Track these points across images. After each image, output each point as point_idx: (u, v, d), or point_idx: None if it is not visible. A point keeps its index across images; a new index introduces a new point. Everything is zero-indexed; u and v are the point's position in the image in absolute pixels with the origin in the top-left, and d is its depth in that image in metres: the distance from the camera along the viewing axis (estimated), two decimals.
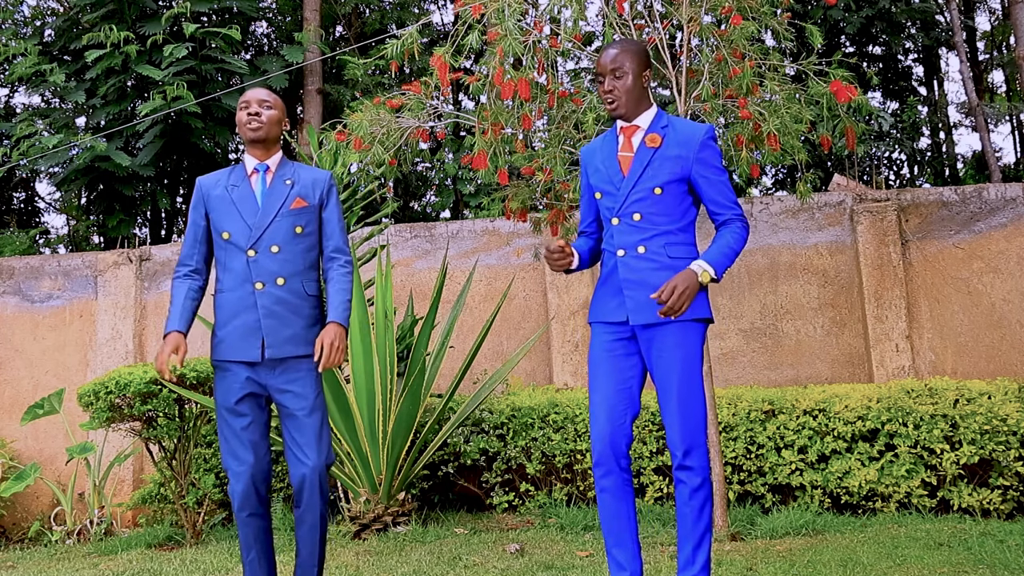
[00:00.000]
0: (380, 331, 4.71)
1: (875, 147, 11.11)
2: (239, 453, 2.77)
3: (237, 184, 2.91)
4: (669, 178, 2.66)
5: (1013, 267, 5.89)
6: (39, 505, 6.24)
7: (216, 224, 2.89)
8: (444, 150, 10.87)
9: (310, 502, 2.79)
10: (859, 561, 3.54)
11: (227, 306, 2.84)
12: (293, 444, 2.80)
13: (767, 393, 4.93)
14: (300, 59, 9.76)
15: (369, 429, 4.67)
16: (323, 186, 2.96)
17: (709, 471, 2.61)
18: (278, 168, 2.95)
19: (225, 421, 2.79)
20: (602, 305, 2.73)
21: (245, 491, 2.76)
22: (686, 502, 2.58)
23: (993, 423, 4.46)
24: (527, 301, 6.32)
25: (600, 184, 2.75)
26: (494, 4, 4.28)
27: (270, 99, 2.94)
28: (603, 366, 2.69)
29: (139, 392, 4.77)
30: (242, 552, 2.81)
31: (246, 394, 2.80)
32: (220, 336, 2.84)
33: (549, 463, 5.12)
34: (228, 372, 2.81)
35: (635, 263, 2.65)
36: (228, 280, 2.86)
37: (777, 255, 6.12)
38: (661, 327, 2.61)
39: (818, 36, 4.37)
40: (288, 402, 2.80)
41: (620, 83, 2.70)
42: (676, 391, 2.58)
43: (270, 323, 2.79)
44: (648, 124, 2.73)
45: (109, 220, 9.61)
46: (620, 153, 2.74)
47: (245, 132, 2.91)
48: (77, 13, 9.81)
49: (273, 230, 2.85)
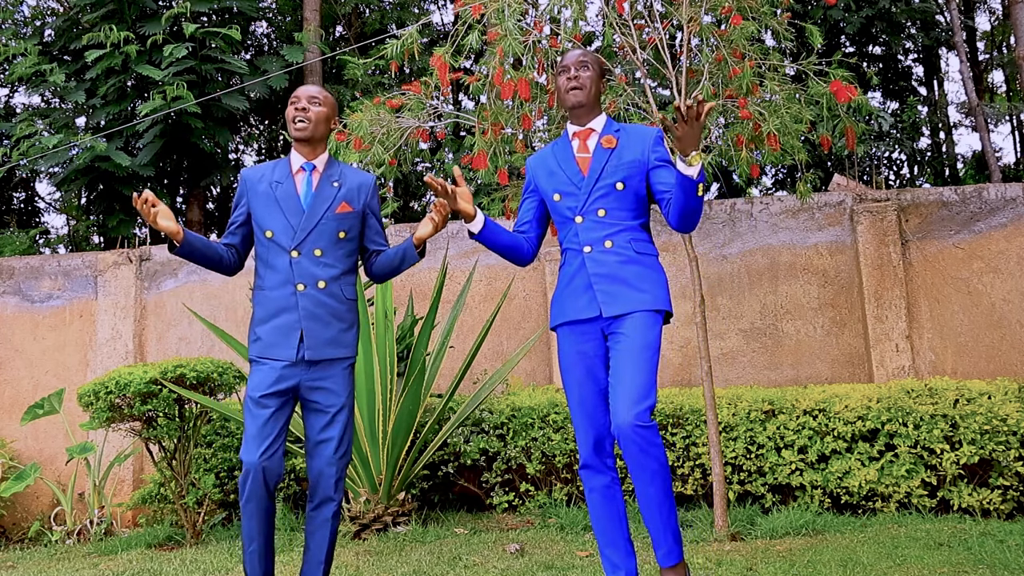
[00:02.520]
0: (380, 331, 4.71)
1: (875, 147, 11.11)
2: (256, 444, 2.77)
3: (281, 181, 2.88)
4: (629, 173, 2.74)
5: (1013, 267, 5.89)
6: (39, 505, 6.24)
7: (259, 221, 2.88)
8: (444, 150, 10.87)
9: (325, 497, 2.82)
10: (859, 561, 3.54)
11: (267, 304, 2.84)
12: (317, 438, 2.82)
13: (767, 393, 4.93)
14: (300, 59, 9.76)
15: (369, 429, 4.67)
16: (368, 191, 2.96)
17: (663, 450, 2.52)
18: (325, 168, 2.93)
19: (249, 411, 2.80)
20: (569, 305, 2.74)
21: (254, 483, 2.76)
22: (646, 486, 2.48)
23: (993, 423, 4.46)
24: (527, 301, 6.32)
25: (559, 186, 2.80)
26: (494, 4, 4.28)
27: (320, 96, 2.90)
28: (577, 369, 2.71)
29: (139, 392, 4.77)
30: (244, 544, 2.82)
31: (277, 389, 2.80)
32: (258, 333, 2.84)
33: (549, 463, 5.12)
34: (264, 366, 2.82)
35: (603, 257, 2.70)
36: (270, 278, 2.85)
37: (777, 255, 6.12)
38: (629, 316, 2.63)
39: (818, 36, 4.37)
40: (320, 398, 2.82)
41: (585, 74, 2.79)
42: (630, 372, 2.52)
43: (310, 325, 2.80)
44: (602, 128, 2.83)
45: (109, 220, 9.61)
46: (577, 155, 2.81)
47: (291, 129, 2.89)
48: (77, 13, 9.81)
49: (318, 233, 2.84)
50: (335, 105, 2.98)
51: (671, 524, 2.55)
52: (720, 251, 6.17)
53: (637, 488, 2.54)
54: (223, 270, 2.98)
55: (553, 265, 6.16)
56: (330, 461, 2.82)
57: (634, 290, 2.66)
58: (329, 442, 2.82)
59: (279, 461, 2.80)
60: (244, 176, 2.95)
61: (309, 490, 2.87)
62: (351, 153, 4.63)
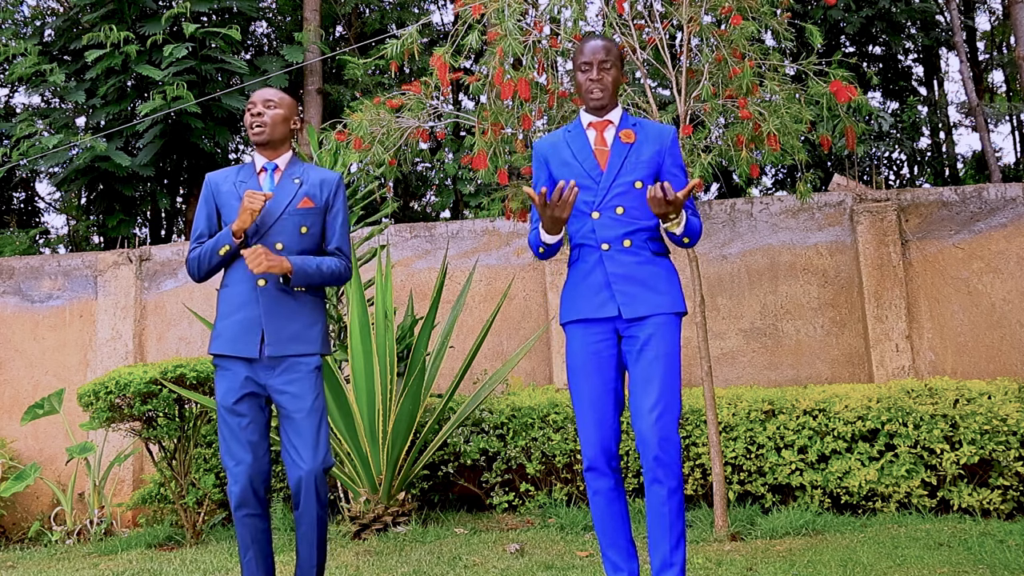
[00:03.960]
0: (380, 331, 4.71)
1: (875, 147, 11.11)
2: (237, 453, 2.76)
3: (245, 181, 2.91)
4: (648, 171, 2.71)
5: (1013, 267, 5.89)
6: (39, 505, 6.24)
7: (225, 220, 2.89)
8: (444, 150, 10.87)
9: (306, 505, 2.76)
10: (859, 561, 3.54)
11: (229, 300, 2.84)
12: (290, 446, 2.77)
13: (767, 393, 4.93)
14: (300, 59, 9.76)
15: (369, 429, 4.67)
16: (331, 187, 2.96)
17: (681, 468, 2.57)
18: (287, 167, 2.95)
19: (224, 421, 2.78)
20: (583, 302, 2.70)
21: (243, 491, 2.75)
22: (663, 502, 2.53)
23: (993, 423, 4.46)
24: (527, 301, 6.32)
25: (575, 178, 2.73)
26: (494, 4, 4.28)
27: (275, 98, 2.92)
28: (587, 367, 2.67)
29: (139, 392, 4.77)
30: (240, 552, 2.81)
31: (245, 394, 2.78)
32: (219, 329, 2.83)
33: (549, 463, 5.12)
34: (228, 371, 2.80)
35: (621, 257, 2.66)
36: (232, 275, 2.86)
37: (777, 255, 6.12)
38: (648, 320, 2.62)
39: (818, 36, 4.37)
40: (286, 403, 2.78)
41: (608, 75, 2.73)
42: (660, 380, 2.56)
43: (271, 320, 2.79)
44: (619, 121, 2.78)
45: (109, 220, 9.61)
46: (595, 148, 2.75)
47: (249, 135, 2.92)
48: (77, 13, 9.81)
49: (278, 228, 2.85)
50: (293, 104, 2.99)
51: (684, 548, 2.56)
52: (720, 251, 6.17)
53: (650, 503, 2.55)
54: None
55: (553, 265, 6.16)
56: (304, 468, 2.73)
57: (653, 292, 2.64)
58: (302, 448, 2.74)
59: (264, 468, 2.77)
60: (209, 178, 2.97)
61: (292, 496, 2.82)
62: (351, 153, 4.64)
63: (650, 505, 2.56)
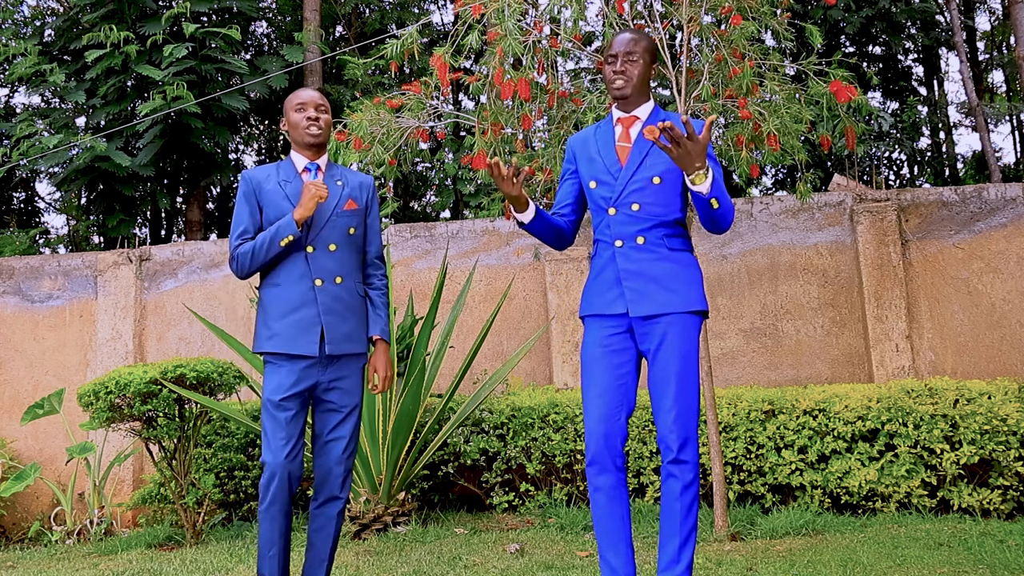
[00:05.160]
0: None
1: (875, 147, 11.11)
2: (280, 447, 2.77)
3: (290, 180, 2.92)
4: (669, 167, 2.65)
5: (1013, 267, 5.89)
6: (39, 505, 6.24)
7: (269, 218, 2.89)
8: (444, 150, 10.87)
9: (331, 495, 2.87)
10: (859, 561, 3.54)
11: (283, 300, 2.85)
12: (328, 437, 2.87)
13: (767, 393, 4.93)
14: (300, 59, 9.76)
15: (369, 429, 4.67)
16: (368, 190, 3.03)
17: (699, 467, 2.59)
18: (328, 169, 2.99)
19: (270, 414, 2.80)
20: (597, 297, 2.68)
21: (279, 486, 2.77)
22: (676, 498, 2.54)
23: (993, 423, 4.46)
24: (527, 301, 6.32)
25: (596, 174, 2.72)
26: (494, 4, 4.28)
27: (325, 103, 2.98)
28: (599, 362, 2.64)
29: (139, 392, 4.77)
30: (262, 548, 2.80)
31: (296, 391, 2.81)
32: (275, 329, 2.83)
33: (549, 463, 5.12)
34: (281, 368, 2.82)
35: (634, 254, 2.63)
36: (283, 274, 2.87)
37: (777, 255, 6.12)
38: (661, 319, 2.59)
39: (818, 36, 4.37)
40: (336, 399, 2.87)
41: (632, 67, 2.69)
42: (675, 381, 2.55)
43: (330, 319, 2.84)
44: (647, 116, 2.73)
45: (109, 220, 9.60)
46: (618, 143, 2.72)
47: (304, 136, 2.92)
48: (77, 13, 9.81)
49: (330, 229, 2.89)
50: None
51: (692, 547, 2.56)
52: (720, 251, 6.17)
53: (664, 497, 2.56)
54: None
55: (553, 265, 6.16)
56: (339, 460, 2.87)
57: (665, 290, 2.60)
58: (339, 441, 2.87)
59: (301, 463, 2.83)
60: (249, 176, 2.95)
61: (314, 487, 2.89)
62: (351, 153, 4.63)
63: (664, 499, 2.57)
